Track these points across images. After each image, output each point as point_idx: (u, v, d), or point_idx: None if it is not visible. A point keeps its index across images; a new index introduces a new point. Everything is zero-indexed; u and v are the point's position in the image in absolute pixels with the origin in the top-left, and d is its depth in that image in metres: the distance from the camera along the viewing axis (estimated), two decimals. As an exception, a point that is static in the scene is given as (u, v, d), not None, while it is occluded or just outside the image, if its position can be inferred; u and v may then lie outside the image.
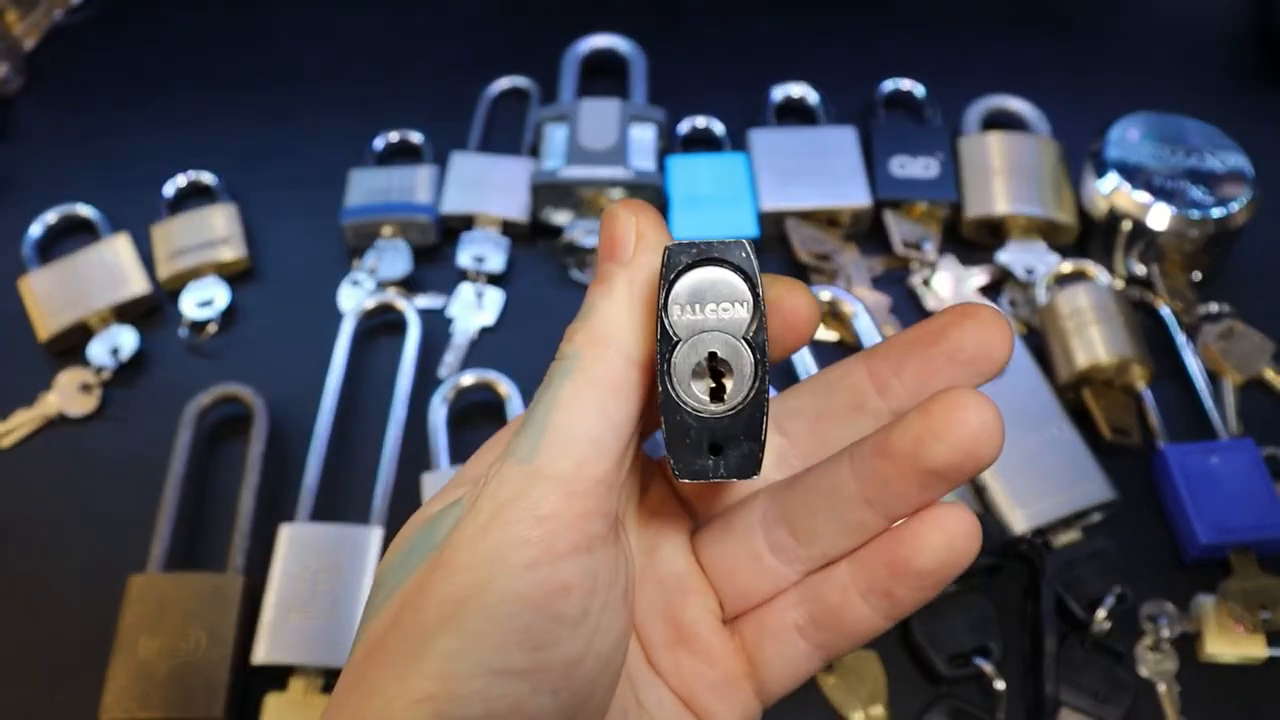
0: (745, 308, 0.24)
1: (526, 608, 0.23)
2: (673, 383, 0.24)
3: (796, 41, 0.75)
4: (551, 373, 0.25)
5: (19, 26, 0.75)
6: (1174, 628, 0.48)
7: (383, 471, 0.52)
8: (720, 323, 0.24)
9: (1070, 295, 0.56)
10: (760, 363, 0.24)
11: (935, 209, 0.62)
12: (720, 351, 0.24)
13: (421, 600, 0.24)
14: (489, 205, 0.63)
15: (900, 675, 0.48)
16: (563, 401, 0.24)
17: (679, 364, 0.24)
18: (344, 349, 0.56)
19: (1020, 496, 0.49)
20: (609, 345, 0.24)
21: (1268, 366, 0.57)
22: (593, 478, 0.24)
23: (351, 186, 0.64)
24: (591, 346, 0.24)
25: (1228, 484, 0.51)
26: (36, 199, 0.65)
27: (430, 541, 0.25)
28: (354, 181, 0.64)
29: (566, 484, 0.24)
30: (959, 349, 0.26)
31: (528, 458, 0.24)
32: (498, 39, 0.76)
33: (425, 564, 0.24)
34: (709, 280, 0.24)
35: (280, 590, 0.47)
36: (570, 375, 0.24)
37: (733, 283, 0.24)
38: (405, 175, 0.64)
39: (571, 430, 0.24)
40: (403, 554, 0.26)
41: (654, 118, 0.64)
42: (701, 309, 0.24)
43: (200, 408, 0.54)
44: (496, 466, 0.24)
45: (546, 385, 0.25)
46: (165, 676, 0.45)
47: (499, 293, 0.61)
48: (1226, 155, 0.59)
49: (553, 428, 0.24)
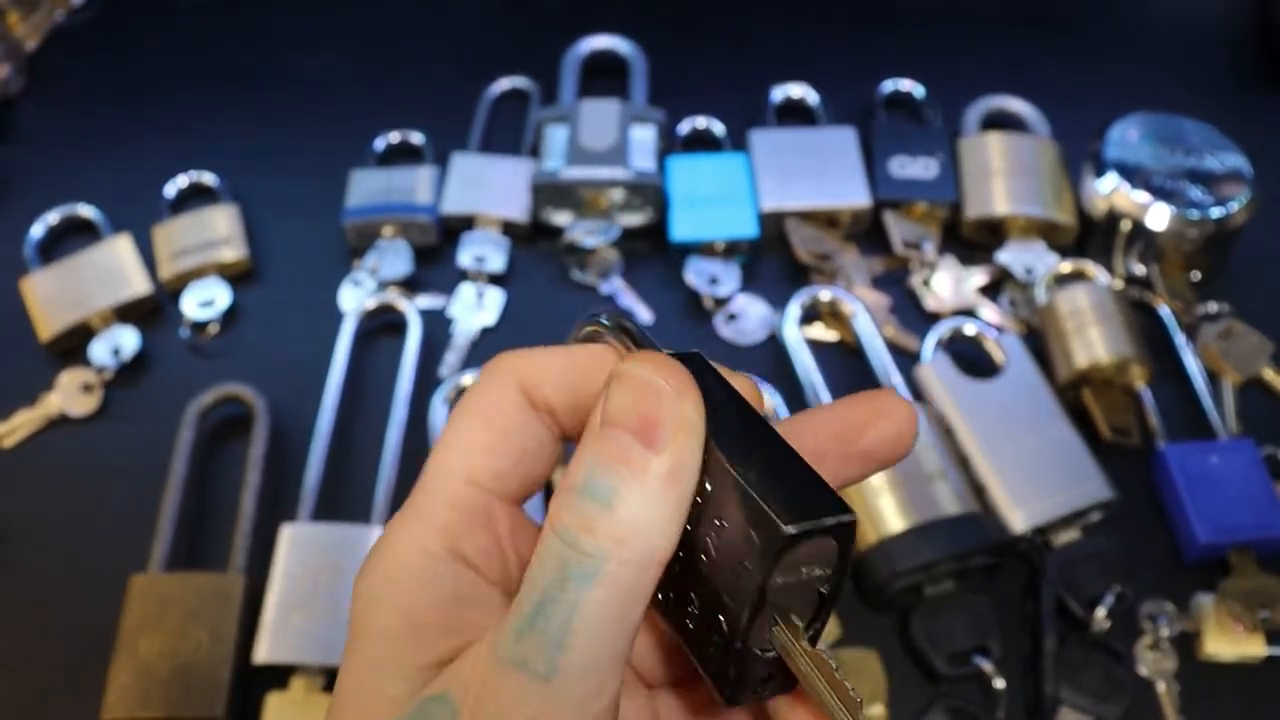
0: (830, 565, 0.22)
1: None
2: (748, 638, 0.22)
3: (796, 41, 0.75)
4: (566, 566, 0.21)
5: (21, 27, 0.75)
6: (1173, 627, 0.48)
7: (383, 471, 0.52)
8: (803, 581, 0.22)
9: (1070, 295, 0.56)
10: (827, 608, 0.22)
11: (935, 209, 0.62)
12: (798, 603, 0.22)
13: None
14: (489, 206, 0.63)
15: (900, 674, 0.48)
16: (587, 614, 0.21)
17: (759, 622, 0.22)
18: (345, 349, 0.56)
19: (1020, 496, 0.49)
20: (638, 547, 0.21)
21: (1267, 366, 0.57)
22: (611, 695, 0.21)
23: (352, 187, 0.64)
24: (619, 548, 0.21)
25: (1227, 484, 0.51)
26: (38, 199, 0.65)
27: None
28: (355, 182, 0.64)
29: (587, 706, 0.21)
30: (875, 449, 0.25)
31: (546, 675, 0.21)
32: (498, 40, 0.76)
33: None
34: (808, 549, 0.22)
35: (281, 590, 0.48)
36: (596, 581, 0.21)
37: (827, 549, 0.22)
38: (406, 176, 0.64)
39: (595, 650, 0.21)
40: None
41: (654, 118, 0.64)
42: (794, 570, 0.22)
43: (201, 408, 0.54)
44: (500, 673, 0.21)
45: (561, 582, 0.21)
46: (166, 676, 0.45)
47: (499, 292, 0.61)
48: (1225, 155, 0.59)
49: (575, 646, 0.21)
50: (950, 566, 0.48)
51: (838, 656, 0.47)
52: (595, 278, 0.62)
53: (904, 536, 0.47)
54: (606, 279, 0.62)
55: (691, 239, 0.61)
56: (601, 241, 0.61)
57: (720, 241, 0.61)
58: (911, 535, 0.47)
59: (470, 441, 0.25)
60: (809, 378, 0.54)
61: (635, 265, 0.63)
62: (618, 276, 0.62)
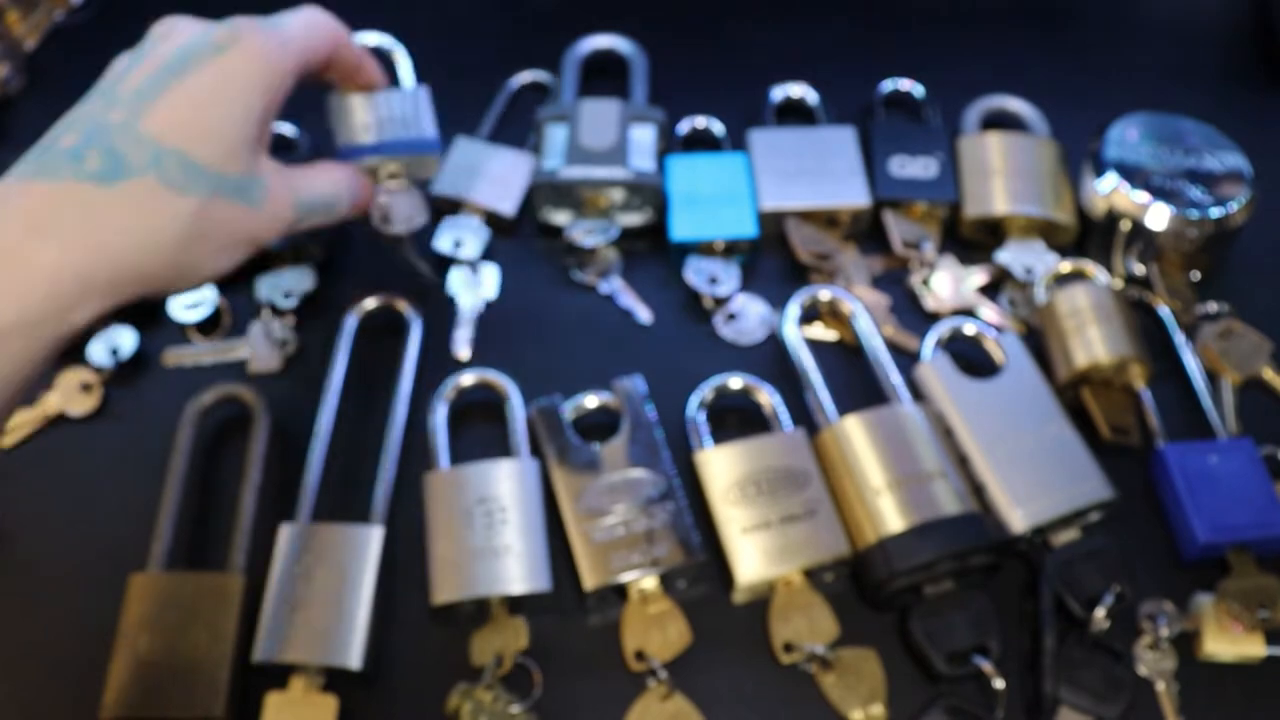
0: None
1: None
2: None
3: (796, 41, 0.75)
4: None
5: (20, 27, 0.75)
6: (1173, 626, 0.48)
7: (383, 471, 0.52)
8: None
9: (1069, 295, 0.56)
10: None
11: (935, 209, 0.62)
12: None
13: None
14: (478, 195, 0.63)
15: (899, 674, 0.48)
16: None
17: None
18: (345, 348, 0.56)
19: (1019, 495, 0.50)
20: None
21: (1266, 366, 0.57)
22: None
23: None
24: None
25: (1226, 483, 0.51)
26: (37, 199, 0.65)
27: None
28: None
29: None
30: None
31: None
32: (498, 39, 0.76)
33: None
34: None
35: (281, 589, 0.48)
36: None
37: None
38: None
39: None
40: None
41: (654, 118, 0.64)
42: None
43: (201, 407, 0.54)
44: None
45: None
46: (166, 675, 0.45)
47: (494, 267, 0.62)
48: (1225, 155, 0.59)
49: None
50: (950, 566, 0.48)
51: (838, 656, 0.47)
52: (595, 278, 0.62)
53: (903, 536, 0.47)
54: (606, 279, 0.62)
55: (691, 239, 0.61)
56: (601, 241, 0.61)
57: (720, 241, 0.61)
58: (911, 535, 0.47)
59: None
60: (808, 378, 0.54)
61: (635, 265, 0.63)
62: (617, 276, 0.62)
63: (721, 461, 0.51)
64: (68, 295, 0.40)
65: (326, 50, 0.50)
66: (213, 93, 0.44)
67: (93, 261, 0.41)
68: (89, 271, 0.40)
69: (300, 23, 0.49)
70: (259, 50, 0.45)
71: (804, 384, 0.54)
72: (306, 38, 0.49)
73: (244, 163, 0.45)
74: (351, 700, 0.47)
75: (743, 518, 0.49)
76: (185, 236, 0.43)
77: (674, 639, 0.48)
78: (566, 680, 0.48)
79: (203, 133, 0.43)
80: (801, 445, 0.51)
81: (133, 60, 0.45)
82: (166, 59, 0.44)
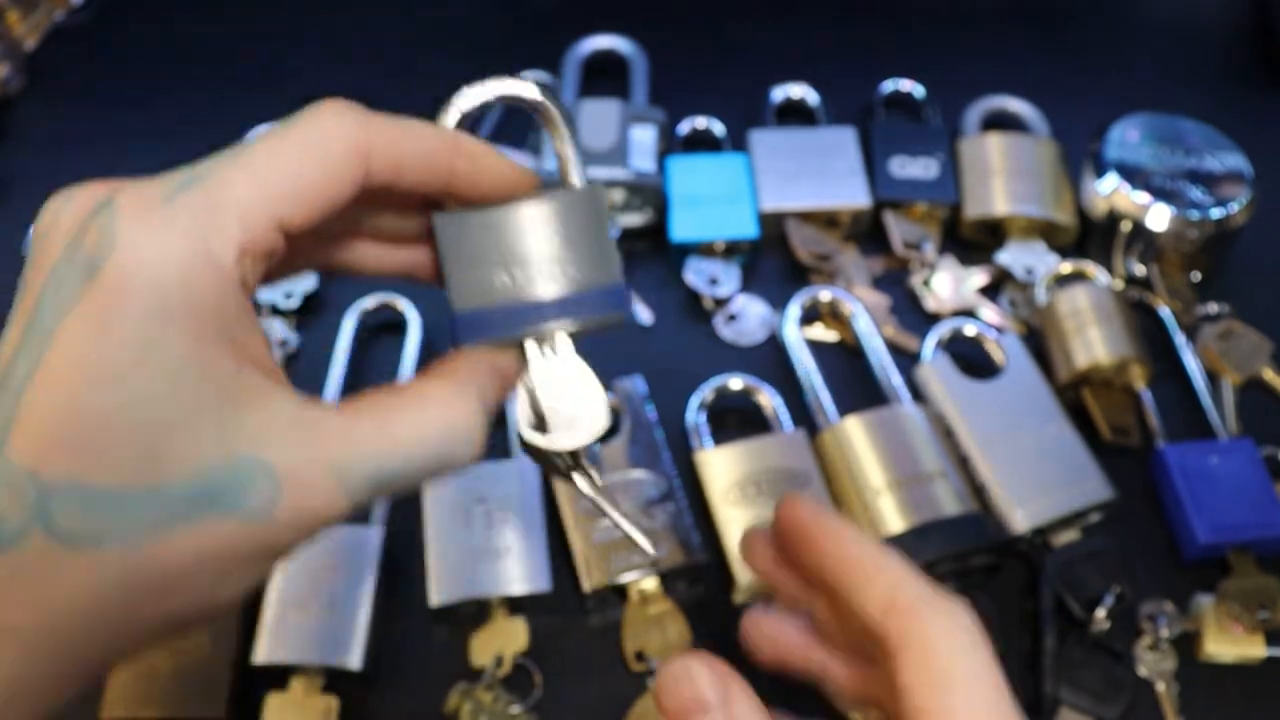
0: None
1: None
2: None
3: (796, 41, 0.75)
4: None
5: (20, 27, 0.75)
6: (1173, 627, 0.48)
7: (383, 471, 0.52)
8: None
9: (1070, 295, 0.56)
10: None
11: (935, 209, 0.62)
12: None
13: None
14: None
15: (900, 675, 0.48)
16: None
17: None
18: (345, 348, 0.56)
19: (1019, 496, 0.50)
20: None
21: (1266, 366, 0.57)
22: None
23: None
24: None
25: (1226, 484, 0.51)
26: (37, 199, 0.64)
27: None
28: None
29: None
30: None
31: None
32: (497, 39, 0.76)
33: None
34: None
35: (281, 589, 0.48)
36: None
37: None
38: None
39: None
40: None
41: (654, 118, 0.64)
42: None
43: (201, 408, 0.54)
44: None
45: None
46: (166, 676, 0.45)
47: None
48: (1225, 156, 0.59)
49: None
50: (950, 566, 0.48)
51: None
52: (595, 278, 0.62)
53: (904, 537, 0.47)
54: (606, 279, 0.61)
55: (691, 239, 0.61)
56: (601, 241, 0.61)
57: (720, 241, 0.61)
58: (911, 535, 0.47)
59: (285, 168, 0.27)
60: (809, 378, 0.54)
61: (635, 265, 0.63)
62: (617, 276, 0.62)
63: (722, 462, 0.51)
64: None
65: (352, 178, 0.29)
66: (95, 359, 0.24)
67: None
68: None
69: (291, 143, 0.29)
70: (156, 253, 0.26)
71: (804, 385, 0.54)
72: (282, 179, 0.28)
73: (202, 449, 0.24)
74: (351, 700, 0.47)
75: (743, 518, 0.49)
76: (121, 604, 0.24)
77: (674, 639, 0.48)
78: (566, 680, 0.48)
79: (101, 435, 0.24)
80: (802, 446, 0.51)
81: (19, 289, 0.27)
82: (31, 309, 0.26)
